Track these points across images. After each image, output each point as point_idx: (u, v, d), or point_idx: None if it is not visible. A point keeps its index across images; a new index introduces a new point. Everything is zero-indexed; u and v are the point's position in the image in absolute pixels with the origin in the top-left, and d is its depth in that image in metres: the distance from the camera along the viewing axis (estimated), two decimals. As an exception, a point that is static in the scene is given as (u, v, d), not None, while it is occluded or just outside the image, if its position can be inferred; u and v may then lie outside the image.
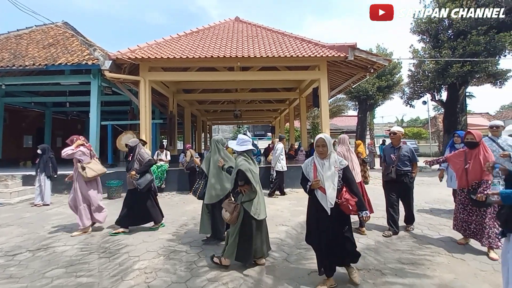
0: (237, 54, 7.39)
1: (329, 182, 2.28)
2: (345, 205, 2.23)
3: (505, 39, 9.69)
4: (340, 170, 2.34)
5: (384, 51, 18.85)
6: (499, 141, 3.57)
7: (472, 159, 3.08)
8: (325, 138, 2.37)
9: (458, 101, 11.86)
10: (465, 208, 3.18)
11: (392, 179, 3.64)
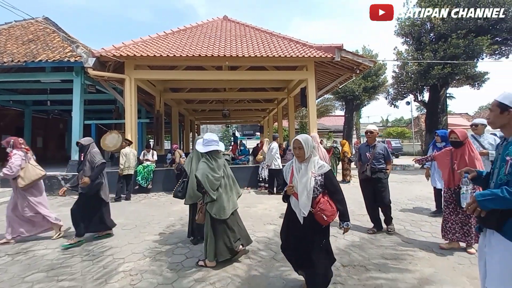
0: (225, 53, 7.36)
1: (302, 188, 2.05)
2: (319, 215, 1.99)
3: (483, 43, 10.14)
4: (320, 176, 2.08)
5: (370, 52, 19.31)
6: (481, 139, 3.74)
7: (458, 159, 3.06)
8: (301, 140, 2.12)
9: (439, 101, 12.32)
10: (448, 206, 3.17)
11: (367, 177, 3.69)
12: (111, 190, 6.46)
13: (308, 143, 2.11)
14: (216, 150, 2.87)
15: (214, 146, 2.84)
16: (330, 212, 2.00)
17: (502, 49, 11.46)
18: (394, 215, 4.58)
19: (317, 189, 2.06)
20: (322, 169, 2.11)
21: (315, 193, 2.05)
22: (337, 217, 2.09)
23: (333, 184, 2.11)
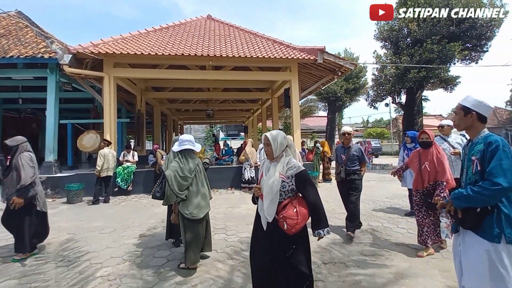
0: (209, 53, 7.30)
1: (268, 191, 1.81)
2: (281, 223, 1.73)
3: (455, 49, 10.75)
4: (290, 178, 1.82)
5: (351, 55, 19.86)
6: (450, 140, 3.90)
7: (427, 160, 3.03)
8: (269, 136, 1.89)
9: (415, 103, 12.91)
10: (420, 210, 3.10)
11: (342, 179, 3.70)
12: (90, 192, 6.29)
13: (277, 140, 1.87)
14: (190, 149, 2.85)
15: (186, 145, 2.82)
16: (293, 221, 1.71)
17: (472, 54, 12.20)
18: (372, 213, 4.78)
19: (286, 193, 1.80)
20: (292, 170, 1.82)
21: (282, 197, 1.80)
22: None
23: (306, 188, 1.82)
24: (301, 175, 1.82)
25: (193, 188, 2.79)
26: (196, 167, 2.88)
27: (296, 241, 1.80)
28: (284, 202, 1.79)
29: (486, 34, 11.12)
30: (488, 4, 10.85)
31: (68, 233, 4.00)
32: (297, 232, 1.74)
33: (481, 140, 1.70)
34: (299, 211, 1.75)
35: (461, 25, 10.93)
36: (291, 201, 1.80)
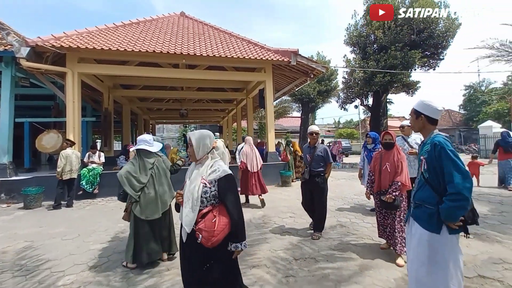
0: (182, 51, 7.15)
1: (188, 197, 1.63)
2: (197, 234, 1.55)
3: (415, 56, 11.62)
4: (213, 183, 1.61)
5: (323, 58, 20.60)
6: (409, 140, 4.16)
7: (388, 161, 2.99)
8: (192, 137, 1.71)
9: (381, 106, 13.75)
10: (381, 211, 3.09)
11: (306, 179, 3.62)
12: (51, 196, 5.83)
13: (200, 141, 1.69)
14: (146, 150, 2.83)
15: (141, 146, 2.81)
16: (208, 232, 1.51)
17: (430, 62, 13.26)
18: (341, 209, 5.01)
19: (208, 200, 1.61)
20: (215, 174, 1.63)
21: (204, 205, 1.60)
22: None
23: (226, 194, 1.61)
24: (224, 180, 1.62)
25: (149, 189, 2.77)
26: (154, 167, 2.86)
27: (215, 256, 1.58)
28: (203, 211, 1.58)
29: (442, 43, 12.18)
30: (444, 16, 11.88)
31: (26, 241, 3.70)
32: (217, 246, 1.54)
33: (429, 141, 1.87)
34: (219, 221, 1.55)
35: (421, 34, 11.85)
36: (212, 209, 1.60)
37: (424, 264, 1.86)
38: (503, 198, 5.60)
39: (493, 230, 3.67)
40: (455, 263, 1.80)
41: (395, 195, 2.79)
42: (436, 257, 1.81)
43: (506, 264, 2.70)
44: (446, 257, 1.79)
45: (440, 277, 1.79)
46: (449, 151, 1.72)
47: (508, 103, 22.27)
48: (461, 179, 1.65)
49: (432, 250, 1.82)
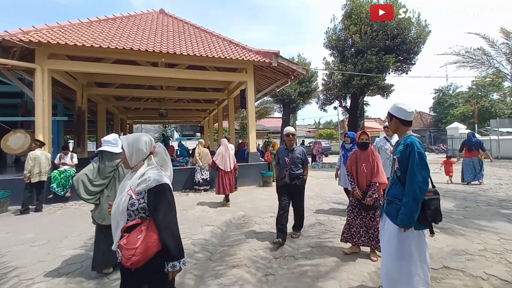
0: (161, 49, 6.99)
1: (114, 209, 1.44)
2: (118, 252, 1.38)
3: (389, 60, 12.21)
4: (142, 194, 1.41)
5: (304, 60, 21.03)
6: (392, 141, 4.28)
7: (365, 162, 2.97)
8: (124, 141, 1.53)
9: (358, 107, 14.29)
10: (353, 210, 3.06)
11: (285, 183, 3.45)
12: (18, 201, 5.46)
13: (134, 145, 1.50)
14: (108, 152, 2.70)
15: (104, 147, 2.71)
16: (129, 251, 1.30)
17: (403, 66, 13.99)
18: (320, 207, 5.16)
19: (135, 213, 1.40)
20: (145, 183, 1.41)
21: (132, 218, 1.40)
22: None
23: (156, 206, 1.39)
24: (154, 191, 1.40)
25: (109, 192, 2.65)
26: (118, 169, 2.74)
27: (145, 279, 1.37)
28: (128, 224, 1.37)
29: (414, 49, 12.89)
30: (415, 23, 12.60)
31: (-13, 250, 3.44)
32: (144, 267, 1.33)
33: (403, 141, 2.01)
34: (145, 238, 1.32)
35: (395, 40, 12.47)
36: (139, 223, 1.38)
37: (393, 257, 1.99)
38: (467, 195, 6.04)
39: (458, 224, 3.95)
40: (421, 256, 1.94)
41: (375, 197, 2.82)
42: (404, 251, 1.94)
43: (468, 255, 2.92)
44: (412, 251, 1.92)
45: (407, 269, 1.93)
46: (417, 153, 1.85)
47: (473, 106, 24.02)
48: (418, 180, 1.81)
49: (400, 244, 1.95)
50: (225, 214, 4.84)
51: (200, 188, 7.16)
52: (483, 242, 3.24)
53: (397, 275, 1.96)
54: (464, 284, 2.36)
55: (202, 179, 7.22)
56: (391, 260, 2.00)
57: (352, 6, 13.17)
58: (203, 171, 7.24)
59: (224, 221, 4.43)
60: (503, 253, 2.94)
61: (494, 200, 5.39)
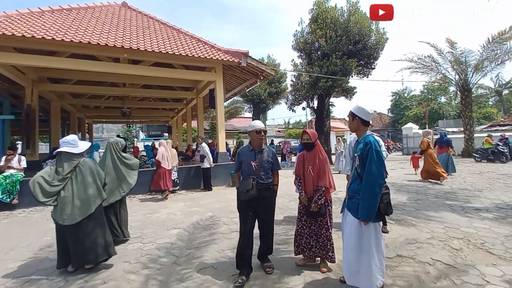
0: (123, 44, 6.61)
1: None
2: None
3: (352, 64, 12.92)
4: None
5: (274, 61, 21.38)
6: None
7: (310, 164, 2.66)
8: None
9: (325, 108, 14.90)
10: (301, 218, 2.76)
11: (252, 197, 2.51)
12: None
13: None
14: (67, 152, 2.71)
15: (63, 147, 2.71)
16: None
17: (364, 70, 14.87)
18: (288, 206, 5.29)
19: None
20: None
21: None
22: None
23: None
24: None
25: (66, 193, 2.64)
26: (76, 170, 2.71)
27: None
28: None
29: (373, 54, 13.78)
30: (375, 30, 13.49)
31: None
32: None
33: (362, 140, 2.16)
34: None
35: (357, 45, 13.22)
36: None
37: (353, 249, 2.13)
38: (419, 188, 6.64)
39: (410, 216, 4.33)
40: (378, 247, 2.10)
41: (320, 203, 2.54)
42: (363, 243, 2.08)
43: (418, 243, 3.22)
44: (370, 243, 2.07)
45: (366, 260, 2.07)
46: (374, 151, 2.00)
47: (424, 108, 26.47)
48: (375, 176, 1.96)
49: (359, 236, 2.10)
50: (193, 216, 4.73)
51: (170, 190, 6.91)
52: (430, 231, 3.59)
53: (358, 266, 2.10)
54: (414, 270, 2.59)
55: (173, 180, 7.00)
56: (352, 252, 2.13)
57: (318, 11, 13.68)
58: (173, 172, 7.04)
59: (191, 223, 4.33)
60: (447, 240, 3.29)
61: (440, 193, 6.00)
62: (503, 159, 11.66)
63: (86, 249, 2.65)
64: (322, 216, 2.61)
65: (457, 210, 4.53)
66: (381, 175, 1.99)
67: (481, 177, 8.07)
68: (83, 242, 2.65)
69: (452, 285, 2.28)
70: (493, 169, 9.78)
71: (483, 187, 6.49)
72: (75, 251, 2.66)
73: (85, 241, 2.65)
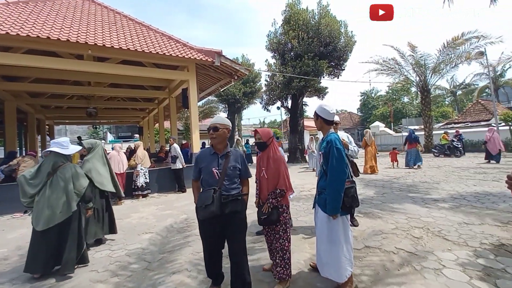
0: (87, 40, 6.21)
1: None
2: None
3: (323, 65, 13.38)
4: None
5: (248, 61, 21.42)
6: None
7: (265, 163, 2.39)
8: None
9: (298, 108, 15.27)
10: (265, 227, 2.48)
11: (214, 214, 1.98)
12: None
13: None
14: (57, 153, 2.76)
15: (53, 147, 2.76)
16: None
17: (335, 71, 15.47)
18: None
19: None
20: None
21: None
22: None
23: None
24: None
25: (39, 196, 2.63)
26: (55, 174, 2.67)
27: None
28: None
29: (343, 56, 14.39)
30: (344, 34, 14.09)
31: None
32: None
33: (325, 139, 2.26)
34: None
35: (327, 47, 13.72)
36: None
37: (323, 242, 2.23)
38: (384, 183, 7.07)
39: (377, 208, 4.60)
40: (346, 239, 2.21)
41: (271, 205, 2.25)
42: (332, 235, 2.18)
43: (384, 234, 3.43)
44: (339, 235, 2.18)
45: (335, 252, 2.17)
46: (335, 148, 2.11)
47: (389, 108, 28.22)
48: (337, 172, 2.07)
49: (329, 229, 2.20)
50: (166, 219, 4.60)
51: (141, 193, 6.65)
52: (395, 222, 3.85)
53: (328, 257, 2.20)
54: (380, 259, 2.76)
55: (145, 183, 6.76)
56: (323, 244, 2.24)
57: (291, 12, 13.98)
58: (146, 174, 6.81)
59: (164, 227, 4.20)
60: (409, 229, 3.54)
61: (404, 186, 6.44)
62: (457, 153, 12.84)
63: (50, 256, 2.65)
64: (274, 223, 2.27)
65: (418, 202, 4.90)
66: (342, 171, 2.09)
67: (439, 170, 8.80)
68: (47, 250, 2.64)
69: (413, 271, 2.46)
70: (449, 163, 10.71)
71: (440, 179, 7.08)
72: (40, 256, 2.63)
73: (49, 249, 2.64)
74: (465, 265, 2.51)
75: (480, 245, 2.92)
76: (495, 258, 2.62)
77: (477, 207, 4.38)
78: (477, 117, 18.93)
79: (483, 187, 5.81)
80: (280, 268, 2.27)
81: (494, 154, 9.74)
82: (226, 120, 2.24)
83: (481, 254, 2.71)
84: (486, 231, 3.32)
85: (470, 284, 2.20)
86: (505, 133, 13.96)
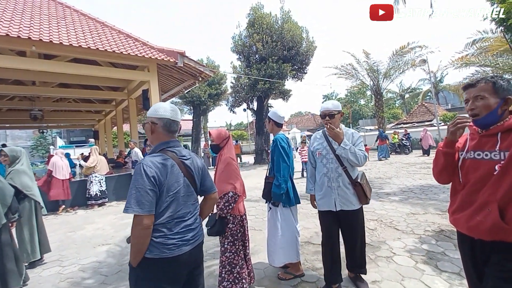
0: (30, 35, 5.59)
1: None
2: None
3: (287, 68, 13.82)
4: None
5: (213, 63, 21.16)
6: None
7: (217, 170, 2.19)
8: None
9: (264, 110, 15.52)
10: None
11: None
12: None
13: None
14: None
15: None
16: None
17: (298, 74, 16.09)
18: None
19: None
20: None
21: None
22: None
23: None
24: None
25: None
26: None
27: None
28: None
29: (305, 60, 15.03)
30: (305, 39, 14.72)
31: None
32: None
33: (274, 139, 2.50)
34: None
35: (290, 51, 14.20)
36: None
37: (271, 234, 2.45)
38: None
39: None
40: (290, 230, 2.39)
41: (220, 208, 1.97)
42: (273, 225, 2.41)
43: (343, 229, 3.65)
44: (284, 226, 2.39)
45: (280, 242, 2.36)
46: (280, 147, 2.37)
47: (348, 109, 30.16)
48: (282, 169, 2.30)
49: (271, 221, 2.44)
50: (126, 229, 4.32)
51: (96, 203, 6.16)
52: (353, 217, 4.12)
53: (273, 246, 2.41)
54: (340, 252, 2.93)
55: (101, 191, 6.25)
56: (268, 234, 2.47)
57: (255, 16, 14.19)
58: (102, 182, 6.31)
59: (124, 237, 3.94)
60: (366, 222, 3.77)
61: (361, 183, 6.93)
62: (406, 151, 14.21)
63: None
64: (219, 234, 2.01)
65: (373, 196, 5.31)
66: (285, 167, 2.32)
67: (391, 167, 9.64)
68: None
69: (368, 260, 2.66)
70: (400, 159, 11.80)
71: (392, 175, 7.77)
72: None
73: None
74: (412, 251, 2.79)
75: (424, 232, 3.27)
76: (436, 243, 2.95)
77: (422, 198, 4.90)
78: (422, 118, 21.14)
79: (427, 180, 6.50)
80: (228, 283, 1.98)
81: (426, 149, 12.64)
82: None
83: (425, 240, 3.03)
84: (429, 219, 3.73)
85: (416, 268, 2.46)
86: (443, 133, 15.82)
